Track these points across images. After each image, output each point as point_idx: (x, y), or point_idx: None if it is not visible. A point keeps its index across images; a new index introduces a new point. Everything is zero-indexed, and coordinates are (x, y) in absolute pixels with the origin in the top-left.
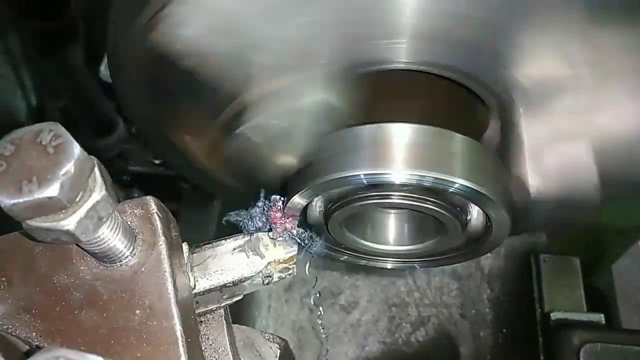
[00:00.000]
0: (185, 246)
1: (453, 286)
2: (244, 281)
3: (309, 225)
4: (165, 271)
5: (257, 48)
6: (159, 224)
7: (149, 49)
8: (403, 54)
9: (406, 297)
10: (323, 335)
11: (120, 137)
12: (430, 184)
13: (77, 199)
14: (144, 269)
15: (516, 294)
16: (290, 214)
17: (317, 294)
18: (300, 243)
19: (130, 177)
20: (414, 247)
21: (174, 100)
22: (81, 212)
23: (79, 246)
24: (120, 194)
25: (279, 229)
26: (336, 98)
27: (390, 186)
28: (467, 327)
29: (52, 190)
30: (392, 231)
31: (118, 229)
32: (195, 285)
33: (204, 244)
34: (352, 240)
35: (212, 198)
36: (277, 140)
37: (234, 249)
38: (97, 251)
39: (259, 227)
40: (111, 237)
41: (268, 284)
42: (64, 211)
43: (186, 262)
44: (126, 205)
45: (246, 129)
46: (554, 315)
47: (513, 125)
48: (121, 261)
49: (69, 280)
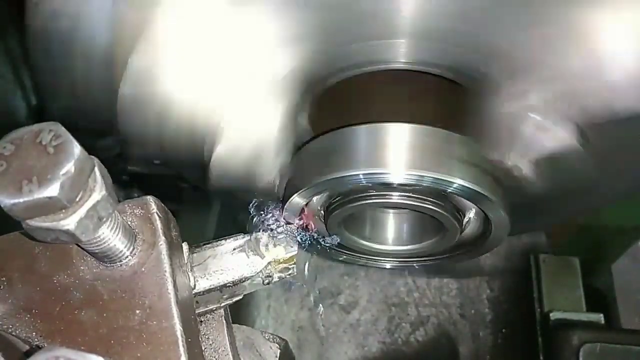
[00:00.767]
0: (185, 246)
1: (452, 286)
2: (244, 281)
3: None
4: (165, 271)
5: None
6: (159, 224)
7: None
8: (399, 53)
9: (406, 297)
10: (322, 334)
11: (121, 137)
12: (429, 184)
13: (77, 198)
14: (144, 269)
15: (516, 293)
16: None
17: (316, 292)
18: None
19: (130, 177)
20: (413, 246)
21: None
22: (81, 212)
23: (79, 246)
24: (120, 194)
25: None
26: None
27: (389, 186)
28: (467, 327)
29: (52, 190)
30: (391, 231)
31: (118, 229)
32: (195, 285)
33: (204, 244)
34: (351, 240)
35: (212, 198)
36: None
37: (234, 249)
38: (97, 251)
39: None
40: (111, 237)
41: (268, 284)
42: (64, 211)
43: (186, 262)
44: (126, 205)
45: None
46: (554, 315)
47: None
48: (121, 261)
49: (69, 280)
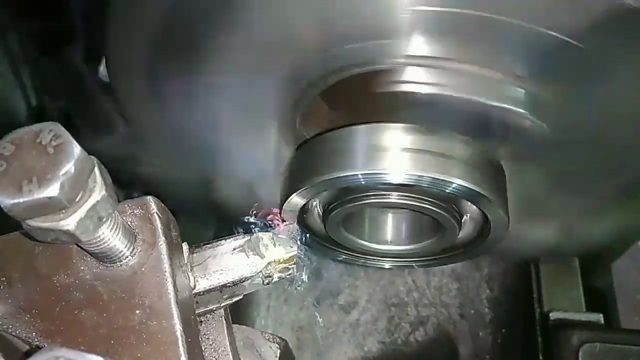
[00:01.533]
0: (185, 246)
1: (452, 286)
2: (244, 281)
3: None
4: (165, 271)
5: None
6: (159, 224)
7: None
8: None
9: (405, 297)
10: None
11: (120, 137)
12: (428, 184)
13: (77, 199)
14: (144, 269)
15: (515, 293)
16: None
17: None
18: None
19: (129, 177)
20: (412, 246)
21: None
22: (81, 212)
23: (79, 246)
24: (120, 194)
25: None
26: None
27: (388, 186)
28: (466, 327)
29: (52, 190)
30: (390, 231)
31: (118, 229)
32: (195, 285)
33: (204, 244)
34: (350, 240)
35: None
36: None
37: (234, 249)
38: (97, 251)
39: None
40: (111, 237)
41: (268, 284)
42: (64, 211)
43: (186, 262)
44: (126, 205)
45: None
46: (553, 315)
47: None
48: (121, 261)
49: (69, 280)
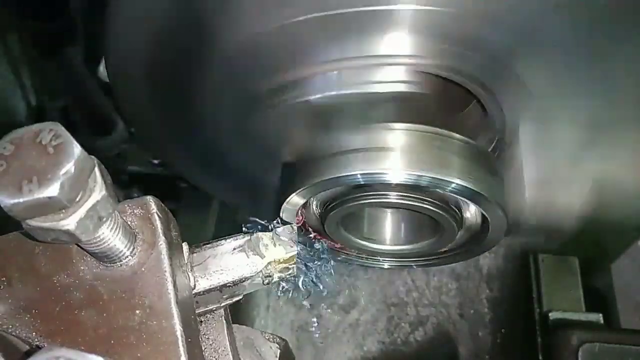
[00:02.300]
0: (185, 246)
1: (452, 286)
2: (244, 281)
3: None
4: (165, 271)
5: None
6: (159, 224)
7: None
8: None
9: (405, 297)
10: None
11: (120, 137)
12: (427, 183)
13: (77, 198)
14: (144, 269)
15: (515, 293)
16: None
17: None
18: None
19: (129, 177)
20: (411, 246)
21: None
22: (81, 212)
23: (79, 246)
24: (120, 194)
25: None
26: None
27: (387, 186)
28: (466, 327)
29: (52, 190)
30: (389, 231)
31: (118, 229)
32: (195, 285)
33: (204, 244)
34: (349, 240)
35: (211, 198)
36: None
37: (234, 249)
38: (97, 251)
39: None
40: (111, 237)
41: (268, 284)
42: (64, 211)
43: (186, 262)
44: (126, 205)
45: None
46: (553, 315)
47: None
48: (121, 261)
49: (69, 280)
